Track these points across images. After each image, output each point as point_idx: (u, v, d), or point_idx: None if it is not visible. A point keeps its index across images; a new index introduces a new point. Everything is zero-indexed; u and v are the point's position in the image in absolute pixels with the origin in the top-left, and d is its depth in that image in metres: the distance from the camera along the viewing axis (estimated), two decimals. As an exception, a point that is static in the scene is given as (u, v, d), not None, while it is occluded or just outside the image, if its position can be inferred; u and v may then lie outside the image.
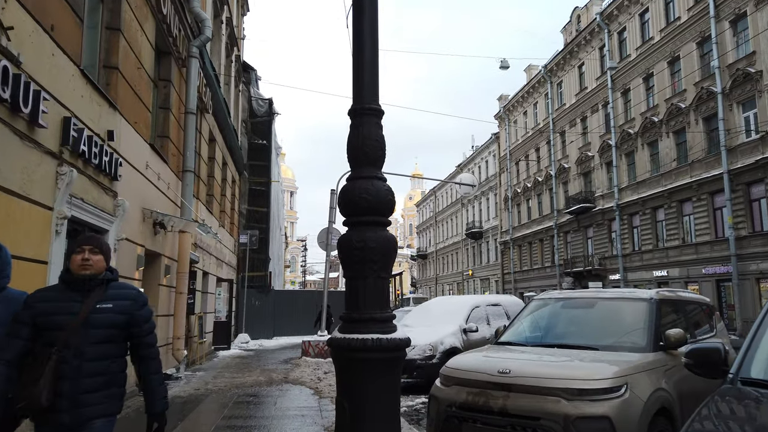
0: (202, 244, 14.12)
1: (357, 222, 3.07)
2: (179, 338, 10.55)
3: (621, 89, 32.09)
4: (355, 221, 3.07)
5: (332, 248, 15.16)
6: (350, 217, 3.09)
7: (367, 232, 3.00)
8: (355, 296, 3.00)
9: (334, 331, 3.14)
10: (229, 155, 18.71)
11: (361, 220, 3.05)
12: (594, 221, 34.56)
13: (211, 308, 15.99)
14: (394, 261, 3.17)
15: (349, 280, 3.06)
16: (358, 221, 3.06)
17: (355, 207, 3.04)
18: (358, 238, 2.99)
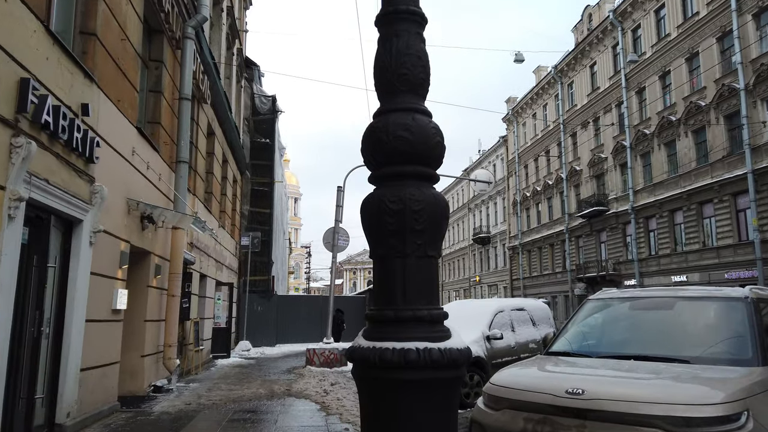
0: (200, 244, 13.14)
1: (391, 175, 2.06)
2: (171, 346, 9.55)
3: (636, 88, 31.06)
4: (389, 174, 2.07)
5: (339, 249, 14.17)
6: (381, 167, 2.09)
7: (407, 189, 2.00)
8: (390, 284, 1.99)
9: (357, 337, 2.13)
10: (230, 152, 17.76)
11: (397, 171, 2.04)
12: (607, 225, 33.46)
13: (210, 314, 14.99)
14: (445, 233, 2.16)
15: (379, 262, 2.05)
16: (394, 173, 2.05)
17: (389, 152, 2.04)
18: (393, 198, 1.99)
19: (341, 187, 14.33)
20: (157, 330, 9.45)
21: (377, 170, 2.09)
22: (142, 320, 8.73)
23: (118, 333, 7.50)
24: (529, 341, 9.78)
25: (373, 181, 2.13)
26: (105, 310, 6.93)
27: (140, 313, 8.68)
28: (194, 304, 12.49)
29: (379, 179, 2.09)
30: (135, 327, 8.59)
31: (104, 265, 6.83)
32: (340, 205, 14.21)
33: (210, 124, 14.14)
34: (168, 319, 9.61)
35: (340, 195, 14.28)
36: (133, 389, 8.56)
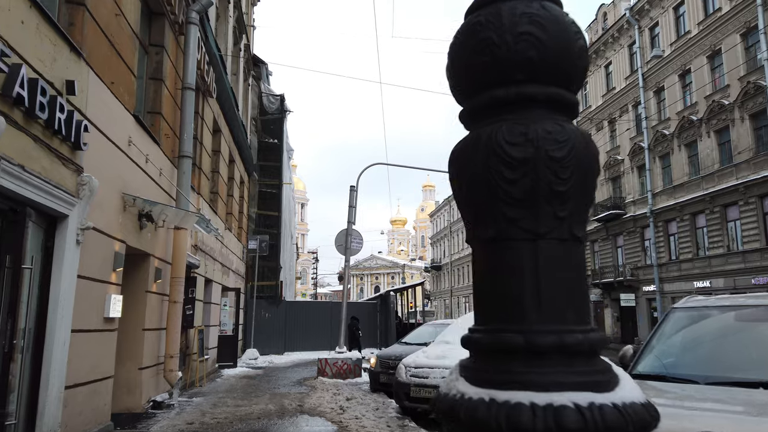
0: (205, 246, 12.36)
1: (509, 99, 1.21)
2: (173, 357, 8.73)
3: (654, 88, 30.15)
4: (504, 98, 1.22)
5: (352, 252, 13.34)
6: (488, 88, 1.24)
7: (541, 123, 1.17)
8: (513, 288, 1.15)
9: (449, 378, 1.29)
10: (237, 152, 17.01)
11: (520, 93, 1.20)
12: (624, 229, 32.46)
13: (216, 321, 14.20)
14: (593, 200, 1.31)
15: (489, 248, 1.20)
16: (513, 97, 1.21)
17: (506, 61, 1.18)
18: (515, 138, 1.15)
19: (354, 186, 13.52)
20: (157, 340, 8.65)
21: (481, 94, 1.26)
22: (140, 329, 7.93)
23: (111, 344, 6.69)
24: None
25: (470, 116, 1.29)
26: (95, 319, 6.13)
27: (138, 321, 7.88)
28: (198, 310, 11.69)
29: (485, 110, 1.25)
30: (132, 337, 7.79)
31: (95, 268, 6.03)
32: (353, 205, 13.40)
33: (216, 120, 13.38)
34: (169, 327, 8.80)
35: (353, 195, 13.47)
36: (129, 406, 7.75)
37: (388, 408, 8.36)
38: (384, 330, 23.07)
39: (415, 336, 11.79)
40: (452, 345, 8.28)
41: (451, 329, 9.02)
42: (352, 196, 13.45)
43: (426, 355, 8.00)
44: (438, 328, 11.70)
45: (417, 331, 12.15)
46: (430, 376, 7.49)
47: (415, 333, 12.04)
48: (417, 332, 12.02)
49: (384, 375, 10.29)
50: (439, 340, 8.74)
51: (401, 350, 10.72)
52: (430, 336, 11.31)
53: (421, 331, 11.95)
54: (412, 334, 12.00)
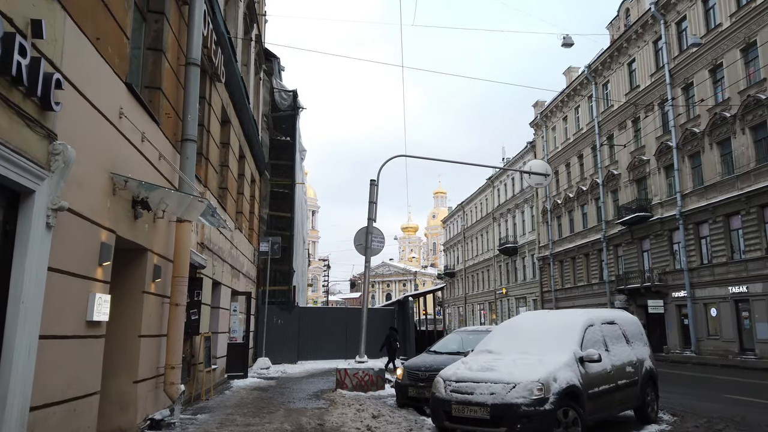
0: (213, 245, 11.27)
1: None
2: (174, 368, 7.61)
3: (681, 84, 28.81)
4: None
5: (373, 252, 12.20)
6: None
7: None
8: None
9: None
10: (247, 147, 15.96)
11: None
12: (651, 232, 31.04)
13: (224, 327, 13.08)
14: None
15: None
16: None
17: None
18: None
19: (375, 180, 12.38)
20: (156, 348, 7.53)
21: None
22: (135, 335, 6.81)
23: (96, 353, 5.58)
24: (626, 364, 7.68)
25: None
26: (74, 322, 5.03)
27: (132, 326, 6.77)
28: (205, 315, 10.58)
29: None
30: (125, 344, 6.69)
31: (74, 260, 4.93)
32: (374, 201, 12.26)
33: (225, 108, 12.34)
34: (171, 334, 7.69)
35: (373, 190, 12.34)
36: (122, 425, 6.63)
37: (423, 428, 7.18)
38: (402, 338, 21.84)
39: (444, 344, 10.60)
40: (498, 355, 7.10)
41: (495, 336, 7.80)
42: (372, 191, 12.32)
43: (468, 366, 6.81)
44: (471, 335, 10.50)
45: (446, 339, 10.94)
46: (476, 391, 6.30)
47: (444, 341, 10.84)
48: (446, 340, 10.82)
49: (413, 388, 9.11)
50: (481, 349, 7.53)
51: (431, 361, 9.54)
52: (463, 344, 10.12)
53: (450, 339, 10.76)
54: (441, 343, 10.81)
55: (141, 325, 6.87)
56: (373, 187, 12.37)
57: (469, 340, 10.26)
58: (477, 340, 9.88)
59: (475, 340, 10.00)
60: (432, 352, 10.36)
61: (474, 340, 10.01)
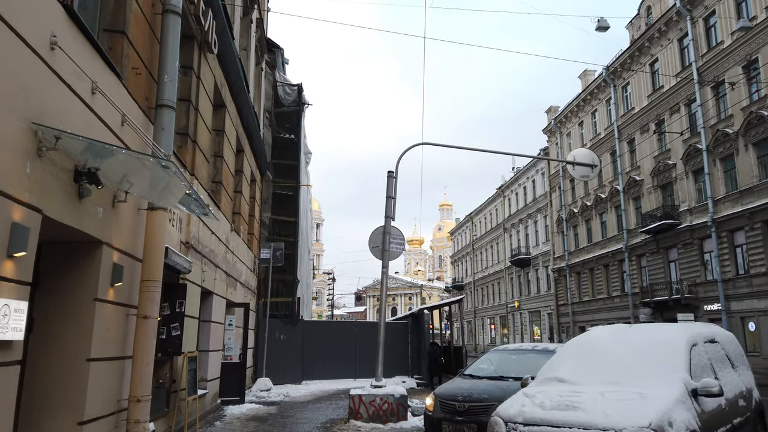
0: (202, 247, 9.46)
1: None
2: (141, 400, 5.76)
3: (711, 83, 27.02)
4: None
5: (392, 256, 10.36)
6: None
7: None
8: None
9: None
10: (246, 140, 14.22)
11: None
12: (679, 241, 29.07)
13: (217, 344, 11.23)
14: None
15: None
16: None
17: None
18: None
19: (393, 172, 10.57)
20: (115, 375, 5.70)
21: None
22: (81, 359, 4.99)
23: (5, 387, 3.74)
24: (737, 396, 5.79)
25: None
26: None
27: (77, 346, 4.96)
28: (191, 331, 8.74)
29: None
30: (66, 371, 4.86)
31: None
32: (392, 196, 10.43)
33: (218, 89, 10.60)
34: (137, 355, 5.85)
35: (392, 183, 10.52)
36: (62, 484, 4.77)
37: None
38: (416, 355, 19.89)
39: (481, 367, 8.69)
40: (575, 386, 5.22)
41: (565, 359, 5.89)
42: (390, 184, 10.50)
43: (537, 402, 4.94)
44: (514, 355, 8.61)
45: (483, 360, 9.02)
46: (558, 440, 4.42)
47: (480, 363, 8.93)
48: (483, 362, 8.91)
49: (449, 424, 7.20)
50: (547, 377, 5.65)
51: (469, 387, 7.65)
52: (506, 367, 8.25)
53: (488, 361, 8.84)
54: (477, 365, 8.89)
55: (91, 345, 5.05)
56: (391, 179, 10.56)
57: (512, 361, 8.39)
58: (524, 361, 8.02)
59: (522, 361, 8.13)
60: (467, 375, 8.47)
61: (520, 362, 8.14)
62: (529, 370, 7.83)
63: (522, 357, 8.31)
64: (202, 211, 5.98)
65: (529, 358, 8.17)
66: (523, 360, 8.23)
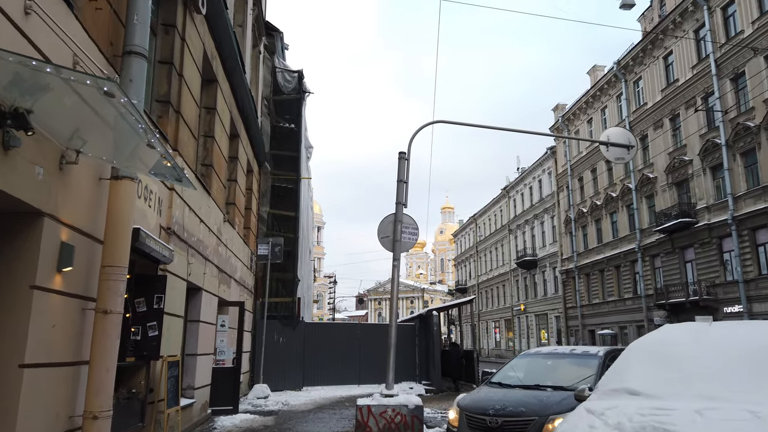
0: (188, 235, 8.26)
1: None
2: (99, 417, 4.55)
3: (731, 75, 25.84)
4: None
5: (404, 247, 9.16)
6: None
7: None
8: None
9: None
10: (242, 124, 13.05)
11: None
12: (696, 240, 27.82)
13: (207, 347, 10.01)
14: None
15: None
16: None
17: None
18: None
19: (404, 153, 9.37)
20: (64, 385, 4.49)
21: None
22: (12, 364, 3.79)
23: None
24: None
25: None
26: None
27: (3, 347, 3.74)
28: (173, 331, 7.54)
29: None
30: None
31: None
32: (404, 180, 9.23)
33: (209, 59, 9.42)
34: (95, 360, 4.65)
35: (404, 166, 9.32)
36: None
37: None
38: (424, 360, 18.65)
39: (511, 374, 7.46)
40: (656, 400, 4.00)
41: (633, 366, 4.63)
42: (401, 167, 9.30)
43: (611, 422, 3.74)
44: (551, 360, 7.37)
45: (512, 367, 7.75)
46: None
47: (510, 369, 7.66)
48: (513, 369, 7.65)
49: (479, 443, 5.98)
50: (614, 388, 4.41)
51: (501, 398, 6.42)
52: (540, 374, 7.03)
53: (520, 367, 7.60)
54: (505, 373, 7.63)
55: (26, 346, 3.84)
56: (403, 162, 9.35)
57: (547, 368, 7.18)
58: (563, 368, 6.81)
59: (559, 368, 6.93)
60: (495, 384, 7.23)
61: (557, 369, 6.94)
62: (569, 377, 6.63)
63: (559, 362, 7.10)
64: (175, 175, 4.77)
65: (568, 365, 6.96)
66: (560, 366, 7.01)
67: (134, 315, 6.51)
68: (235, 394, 10.81)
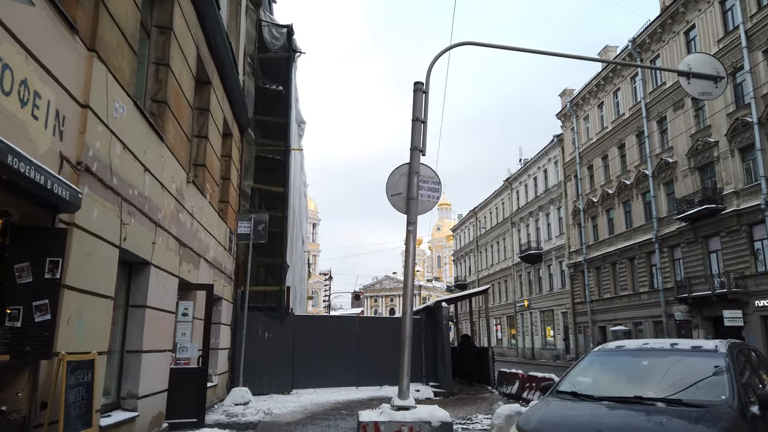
0: (120, 181, 5.86)
1: None
2: None
3: (763, 46, 23.57)
4: None
5: (423, 207, 6.79)
6: None
7: None
8: None
9: None
10: (215, 70, 10.66)
11: None
12: (722, 228, 25.56)
13: (160, 342, 7.60)
14: None
15: None
16: None
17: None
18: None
19: (422, 84, 7.00)
20: None
21: None
22: None
23: None
24: None
25: None
26: None
27: None
28: (89, 316, 5.14)
29: None
30: None
31: None
32: (422, 119, 6.87)
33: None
34: None
35: (421, 99, 6.95)
36: None
37: None
38: (432, 358, 16.30)
39: (585, 382, 5.05)
40: None
41: None
42: (418, 101, 6.93)
43: None
44: (646, 359, 4.99)
45: (586, 369, 5.29)
46: None
47: (580, 375, 5.19)
48: (587, 372, 5.20)
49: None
50: None
51: (589, 420, 4.04)
52: (636, 380, 4.70)
53: (595, 370, 5.24)
54: (576, 379, 5.15)
55: None
56: (420, 94, 6.97)
57: (644, 370, 4.85)
58: (670, 370, 4.45)
59: (664, 370, 4.57)
60: (567, 395, 4.83)
61: (660, 371, 4.59)
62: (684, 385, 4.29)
63: (660, 363, 4.75)
64: None
65: (676, 366, 4.62)
66: (663, 368, 4.67)
67: (11, 289, 4.13)
68: (200, 402, 8.41)
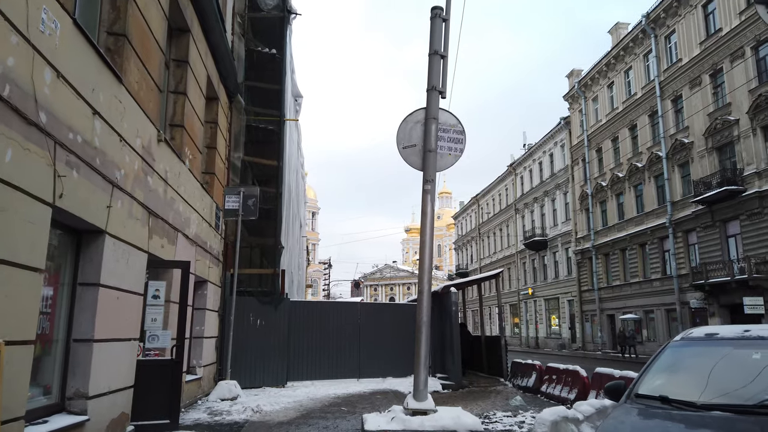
0: (47, 117, 4.50)
1: None
2: None
3: (791, 17, 22.09)
4: None
5: (443, 163, 5.43)
6: None
7: None
8: None
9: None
10: (196, 19, 9.26)
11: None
12: (743, 210, 24.25)
13: (121, 330, 6.27)
14: None
15: None
16: None
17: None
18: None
19: (440, 9, 5.63)
20: None
21: None
22: None
23: None
24: None
25: None
26: None
27: None
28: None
29: None
30: None
31: None
32: (442, 52, 5.51)
33: None
34: None
35: (440, 29, 5.59)
36: None
37: None
38: (440, 348, 15.04)
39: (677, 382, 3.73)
40: None
41: None
42: (436, 28, 5.57)
43: None
44: (757, 351, 3.70)
45: (671, 366, 3.93)
46: None
47: (670, 372, 3.86)
48: (673, 369, 3.87)
49: None
50: None
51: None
52: (745, 379, 3.35)
53: (684, 366, 3.91)
54: (664, 377, 3.85)
55: None
56: (440, 22, 5.60)
57: (756, 365, 3.49)
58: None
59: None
60: (653, 401, 3.49)
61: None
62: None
63: None
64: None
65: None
66: None
67: None
68: (173, 399, 7.10)
